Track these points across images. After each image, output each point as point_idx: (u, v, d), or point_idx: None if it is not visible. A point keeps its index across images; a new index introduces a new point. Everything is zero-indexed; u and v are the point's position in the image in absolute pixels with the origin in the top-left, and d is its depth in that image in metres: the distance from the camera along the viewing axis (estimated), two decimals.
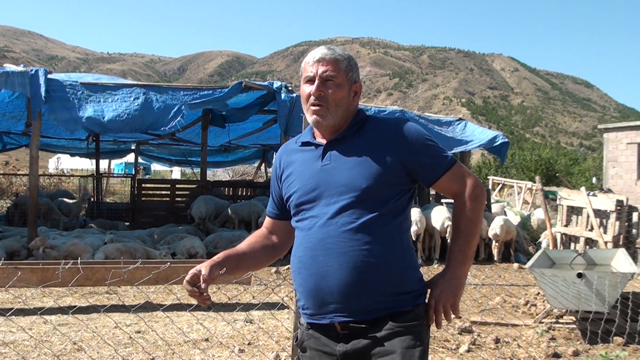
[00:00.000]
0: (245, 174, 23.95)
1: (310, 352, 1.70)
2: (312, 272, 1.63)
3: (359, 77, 1.79)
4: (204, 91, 8.59)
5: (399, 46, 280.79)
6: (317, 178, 1.68)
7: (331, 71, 1.69)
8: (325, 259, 1.61)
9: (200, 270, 1.68)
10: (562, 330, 5.02)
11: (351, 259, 1.58)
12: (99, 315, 4.97)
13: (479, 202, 1.70)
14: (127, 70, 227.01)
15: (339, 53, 1.73)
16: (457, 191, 1.70)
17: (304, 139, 1.79)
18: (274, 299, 5.81)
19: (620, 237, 7.07)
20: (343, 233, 1.60)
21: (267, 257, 1.89)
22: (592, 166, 35.18)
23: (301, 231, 1.70)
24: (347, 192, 1.62)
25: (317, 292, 1.62)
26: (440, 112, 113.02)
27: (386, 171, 1.63)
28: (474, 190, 1.70)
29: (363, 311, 1.59)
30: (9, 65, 8.00)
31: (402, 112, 10.18)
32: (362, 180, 1.61)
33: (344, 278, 1.58)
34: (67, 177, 20.53)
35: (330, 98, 1.68)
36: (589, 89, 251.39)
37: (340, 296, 1.58)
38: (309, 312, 1.67)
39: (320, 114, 1.69)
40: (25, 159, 23.63)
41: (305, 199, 1.69)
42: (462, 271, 1.69)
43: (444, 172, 1.68)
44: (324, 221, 1.63)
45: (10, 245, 7.69)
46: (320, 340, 1.67)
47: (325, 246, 1.61)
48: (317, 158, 1.71)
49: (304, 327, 1.73)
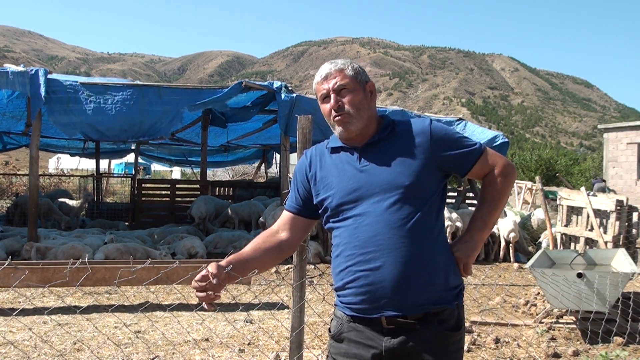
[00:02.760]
0: (245, 174, 23.95)
1: (347, 343, 1.74)
2: (363, 269, 1.67)
3: (368, 77, 1.86)
4: (204, 91, 8.60)
5: (399, 46, 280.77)
6: (358, 179, 1.74)
7: (340, 80, 1.78)
8: (377, 255, 1.66)
9: (208, 269, 1.70)
10: (562, 330, 5.02)
11: (404, 255, 1.64)
12: (99, 315, 4.97)
13: (508, 179, 1.81)
14: (127, 70, 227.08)
15: (342, 62, 1.82)
16: (489, 172, 1.82)
17: (334, 145, 1.85)
18: (274, 299, 5.81)
19: (620, 237, 7.08)
20: (393, 229, 1.66)
21: (272, 259, 1.90)
22: (592, 166, 35.15)
23: (344, 231, 1.74)
24: (392, 189, 1.69)
25: (370, 288, 1.66)
26: (440, 112, 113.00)
27: (424, 168, 1.72)
28: (505, 169, 1.81)
29: (412, 306, 1.64)
30: (9, 65, 8.01)
31: (402, 112, 10.17)
32: (404, 177, 1.70)
33: (398, 273, 1.63)
34: (67, 177, 20.53)
35: (349, 104, 1.77)
36: (589, 89, 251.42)
37: (393, 291, 1.64)
38: (356, 308, 1.71)
39: (346, 122, 1.77)
40: (25, 159, 23.64)
41: (347, 199, 1.74)
42: (480, 236, 1.80)
43: (476, 161, 1.79)
44: (372, 219, 1.68)
45: (10, 245, 7.69)
46: (364, 333, 1.70)
47: (377, 243, 1.66)
48: (354, 161, 1.78)
49: (344, 319, 1.76)
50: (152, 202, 12.38)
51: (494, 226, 1.88)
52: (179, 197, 12.03)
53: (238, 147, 16.44)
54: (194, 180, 15.65)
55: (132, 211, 11.86)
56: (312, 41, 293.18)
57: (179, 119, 8.59)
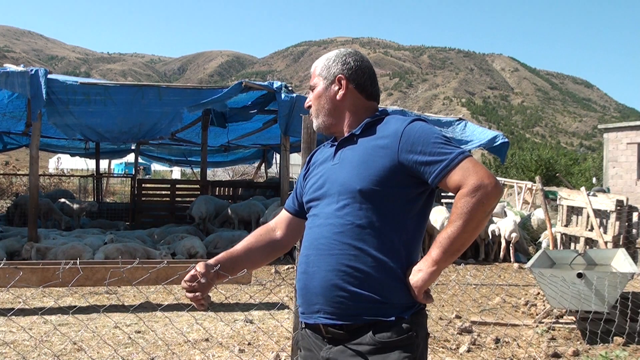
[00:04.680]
0: (245, 174, 23.95)
1: (304, 352, 1.71)
2: (304, 271, 1.65)
3: (346, 70, 1.74)
4: (204, 91, 8.60)
5: (399, 46, 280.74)
6: (326, 176, 1.69)
7: (311, 80, 1.81)
8: (315, 259, 1.62)
9: (196, 268, 1.70)
10: (562, 330, 5.02)
11: (337, 262, 1.56)
12: (98, 315, 4.97)
13: (476, 200, 1.49)
14: (127, 70, 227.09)
15: (317, 62, 1.82)
16: (458, 188, 1.54)
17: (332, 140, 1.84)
18: (274, 299, 5.81)
19: (620, 237, 7.08)
20: (335, 235, 1.59)
21: (265, 256, 1.89)
22: (592, 166, 35.14)
23: (306, 229, 1.73)
24: (344, 193, 1.60)
25: (306, 292, 1.63)
26: (440, 112, 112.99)
27: (387, 173, 1.57)
28: (474, 189, 1.50)
29: (344, 315, 1.56)
30: (9, 65, 8.01)
31: (402, 112, 10.18)
32: (358, 181, 1.58)
33: (328, 280, 1.57)
34: (67, 177, 20.53)
35: (312, 101, 1.80)
36: (589, 89, 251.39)
37: (323, 298, 1.58)
38: (300, 310, 1.70)
39: (312, 118, 1.81)
40: (25, 159, 23.61)
41: (313, 196, 1.71)
42: (434, 263, 1.53)
43: (443, 172, 1.54)
44: (322, 221, 1.64)
45: (10, 245, 7.69)
46: (311, 340, 1.67)
47: (318, 246, 1.62)
48: (331, 156, 1.74)
49: (301, 326, 1.74)
50: (152, 202, 12.39)
51: (459, 252, 1.56)
52: (179, 197, 12.04)
53: (238, 147, 16.44)
54: (194, 180, 15.65)
55: (132, 211, 11.86)
56: (312, 41, 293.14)
57: (178, 119, 8.61)
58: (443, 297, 6.24)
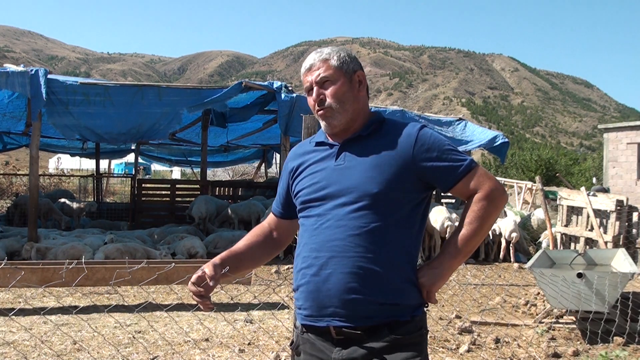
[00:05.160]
0: (245, 174, 23.96)
1: (305, 356, 1.67)
2: (314, 273, 1.60)
3: (359, 65, 1.73)
4: (203, 91, 8.60)
5: (399, 46, 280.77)
6: (329, 177, 1.64)
7: (323, 72, 1.66)
8: (328, 262, 1.58)
9: (204, 271, 1.68)
10: (562, 330, 5.02)
11: (354, 265, 1.55)
12: (99, 315, 4.97)
13: (493, 204, 1.62)
14: (127, 70, 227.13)
15: (327, 52, 1.69)
16: (473, 193, 1.64)
17: (319, 139, 1.75)
18: (275, 299, 5.81)
19: (620, 237, 7.07)
20: (350, 237, 1.57)
21: (265, 254, 1.89)
22: (592, 166, 35.16)
23: (306, 230, 1.68)
24: (358, 195, 1.58)
25: (317, 294, 1.59)
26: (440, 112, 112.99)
27: (400, 177, 1.59)
28: (491, 193, 1.62)
29: (360, 317, 1.56)
30: (9, 65, 8.01)
31: (402, 112, 10.18)
32: (374, 184, 1.58)
33: (345, 283, 1.55)
34: (67, 177, 20.54)
35: (331, 97, 1.65)
36: (589, 89, 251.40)
37: (339, 301, 1.56)
38: (305, 313, 1.65)
39: (328, 116, 1.66)
40: (25, 159, 23.63)
41: (314, 196, 1.66)
42: (450, 264, 1.63)
43: (461, 178, 1.62)
44: (332, 222, 1.60)
45: (10, 245, 7.69)
46: (315, 345, 1.63)
47: (331, 248, 1.58)
48: (331, 157, 1.68)
49: (299, 330, 1.70)
50: (152, 202, 12.38)
51: (470, 254, 1.66)
52: (179, 197, 12.03)
53: (238, 147, 16.46)
54: (194, 180, 15.66)
55: (132, 211, 11.87)
56: (312, 41, 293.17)
57: (178, 120, 8.61)
58: (443, 297, 6.24)
